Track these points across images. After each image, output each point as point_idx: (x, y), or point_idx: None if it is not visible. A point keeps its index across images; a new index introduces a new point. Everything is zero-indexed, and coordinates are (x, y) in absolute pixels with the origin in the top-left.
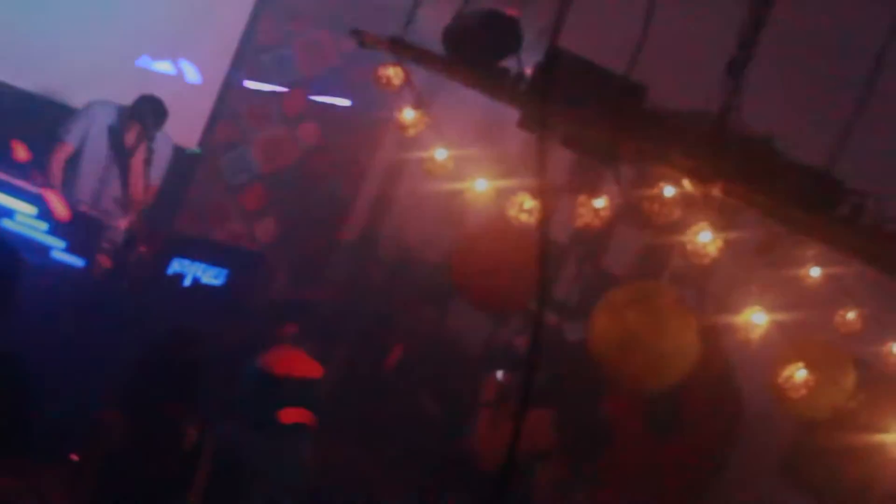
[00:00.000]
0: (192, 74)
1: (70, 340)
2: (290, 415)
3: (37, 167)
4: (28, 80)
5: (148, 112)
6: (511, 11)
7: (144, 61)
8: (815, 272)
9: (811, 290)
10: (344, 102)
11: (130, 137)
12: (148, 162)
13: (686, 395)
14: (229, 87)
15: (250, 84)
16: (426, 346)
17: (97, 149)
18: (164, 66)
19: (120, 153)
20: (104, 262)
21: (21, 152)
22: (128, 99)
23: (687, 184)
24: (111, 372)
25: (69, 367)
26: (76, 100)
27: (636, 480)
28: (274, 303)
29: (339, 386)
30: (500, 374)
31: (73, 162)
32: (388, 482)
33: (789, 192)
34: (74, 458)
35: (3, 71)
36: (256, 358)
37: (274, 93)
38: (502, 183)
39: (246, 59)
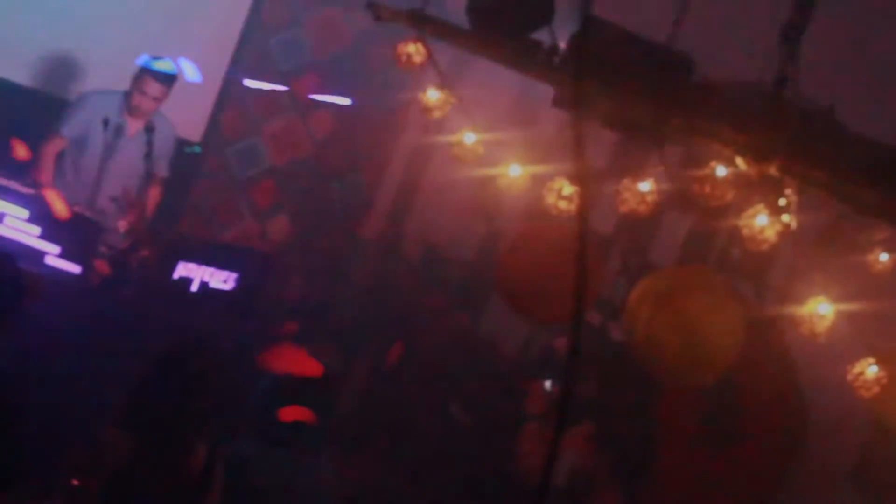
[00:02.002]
0: (191, 72)
1: (67, 354)
2: (290, 413)
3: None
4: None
5: (166, 75)
6: None
7: (143, 59)
8: (885, 258)
9: (881, 278)
10: (343, 101)
11: (133, 125)
12: (148, 155)
13: (745, 397)
14: (234, 73)
15: (251, 83)
16: (457, 353)
17: (94, 143)
18: (164, 66)
19: (119, 146)
20: (102, 268)
21: (21, 151)
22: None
23: (740, 162)
24: (113, 387)
25: (66, 383)
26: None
27: (693, 495)
28: (289, 305)
29: (360, 398)
30: (547, 383)
31: (67, 157)
32: (412, 500)
33: (854, 169)
34: (75, 482)
35: (2, 68)
36: (270, 370)
37: (284, 76)
38: (538, 169)
39: (252, 43)
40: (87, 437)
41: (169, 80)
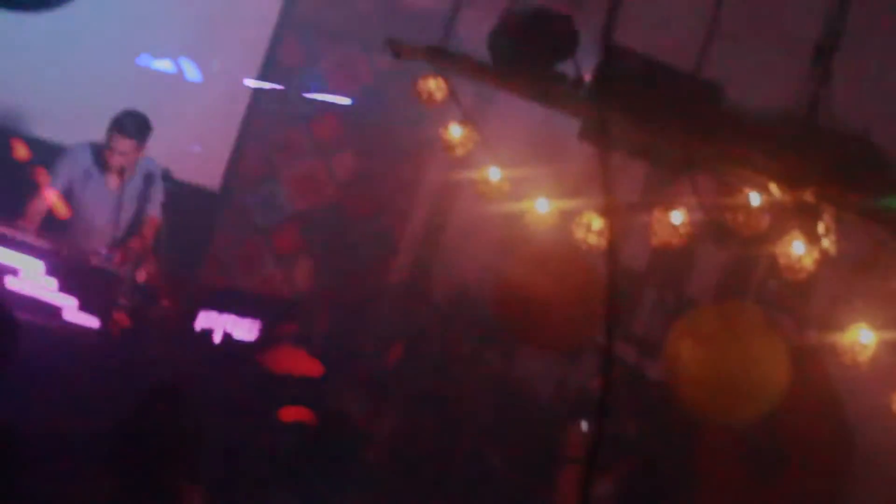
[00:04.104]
0: (192, 72)
1: (87, 411)
2: (291, 413)
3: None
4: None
5: (131, 126)
6: (563, 9)
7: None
8: None
9: None
10: (344, 101)
11: (113, 175)
12: (141, 197)
13: (788, 431)
14: (253, 115)
15: (250, 83)
16: (490, 395)
17: (88, 196)
18: (163, 64)
19: (109, 193)
20: (122, 320)
21: (21, 151)
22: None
23: (775, 189)
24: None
25: (86, 441)
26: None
27: None
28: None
29: (393, 447)
30: (585, 424)
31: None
32: None
33: (893, 193)
34: None
35: None
36: (295, 422)
37: (304, 119)
38: (566, 203)
39: (270, 83)
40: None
41: (139, 133)
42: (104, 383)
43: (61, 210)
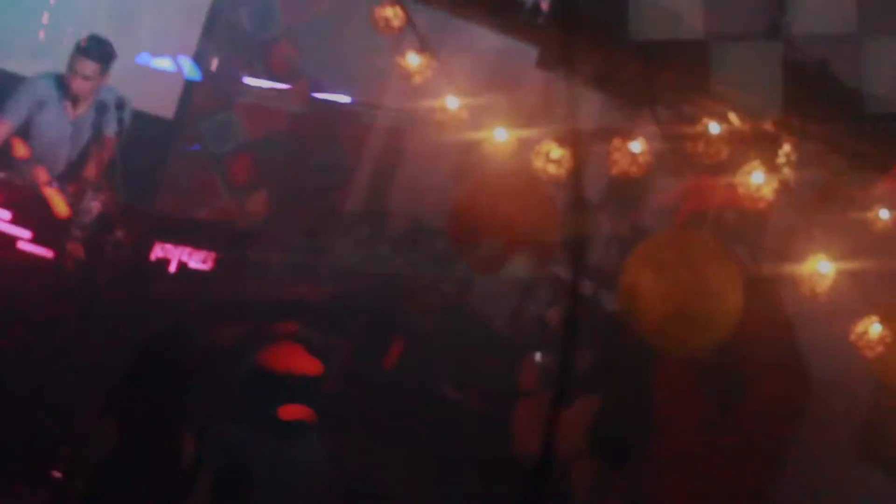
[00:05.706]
0: (191, 70)
1: (41, 342)
2: (291, 412)
3: None
4: None
5: (96, 50)
6: None
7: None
8: (885, 214)
9: (882, 235)
10: (344, 99)
11: (71, 104)
12: (96, 124)
13: (744, 362)
14: (207, 43)
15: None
16: (444, 327)
17: (44, 126)
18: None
19: (66, 122)
20: (76, 251)
21: (20, 149)
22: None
23: (734, 118)
24: (93, 376)
25: (43, 372)
26: None
27: (693, 468)
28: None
29: (347, 379)
30: (538, 356)
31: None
32: (406, 482)
33: (851, 124)
34: (57, 474)
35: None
36: (254, 355)
37: (260, 47)
38: (524, 133)
39: (222, 14)
40: (68, 425)
41: (103, 57)
42: (60, 315)
43: (19, 150)
